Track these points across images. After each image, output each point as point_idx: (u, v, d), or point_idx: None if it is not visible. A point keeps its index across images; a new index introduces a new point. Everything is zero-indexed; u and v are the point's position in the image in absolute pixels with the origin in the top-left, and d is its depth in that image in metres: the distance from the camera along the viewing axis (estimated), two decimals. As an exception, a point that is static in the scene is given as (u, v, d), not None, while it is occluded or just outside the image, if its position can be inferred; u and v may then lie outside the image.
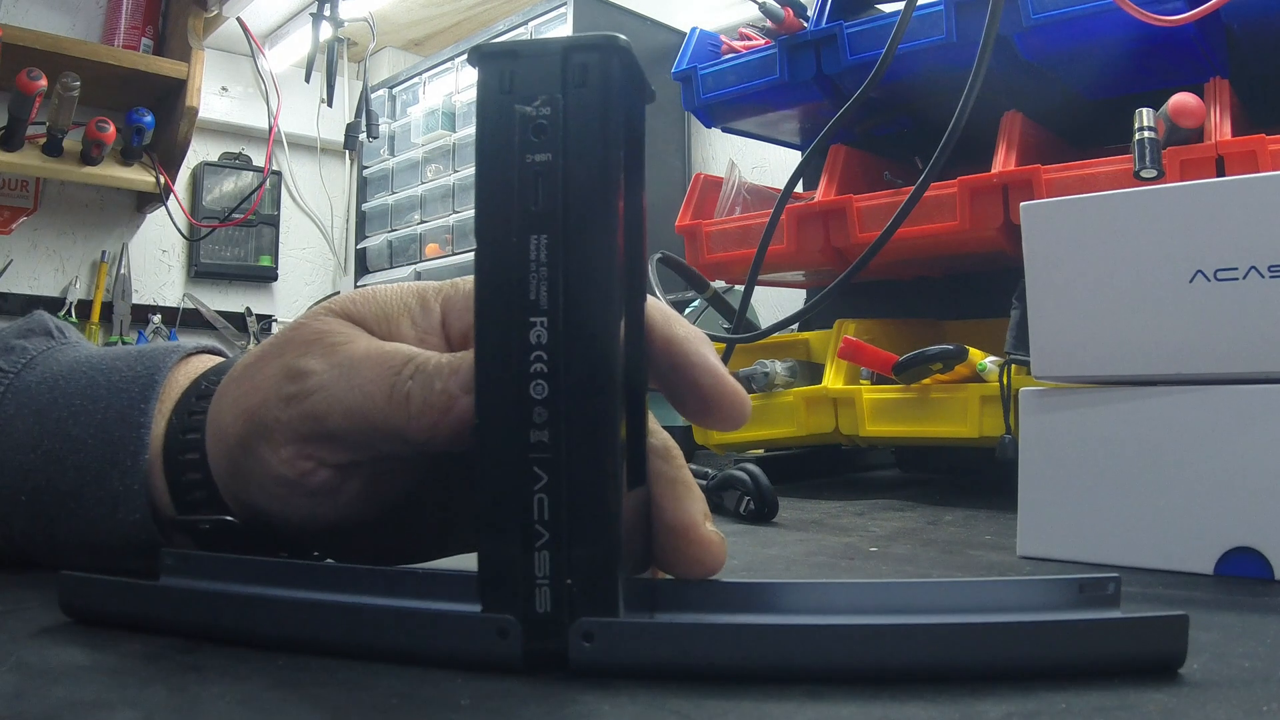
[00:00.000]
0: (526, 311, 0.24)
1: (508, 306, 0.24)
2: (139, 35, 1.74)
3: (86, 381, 0.35)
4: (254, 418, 0.30)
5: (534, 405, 0.24)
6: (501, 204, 0.24)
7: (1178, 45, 0.68)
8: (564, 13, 1.56)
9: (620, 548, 0.24)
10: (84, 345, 0.39)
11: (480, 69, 0.25)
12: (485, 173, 0.25)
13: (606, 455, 0.24)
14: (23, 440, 0.34)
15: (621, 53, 0.25)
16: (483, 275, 0.25)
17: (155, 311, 1.92)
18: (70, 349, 0.38)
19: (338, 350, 0.29)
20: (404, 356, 0.28)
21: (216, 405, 0.32)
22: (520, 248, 0.24)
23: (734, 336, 0.73)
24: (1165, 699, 0.22)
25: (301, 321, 0.31)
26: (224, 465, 0.31)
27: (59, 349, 0.37)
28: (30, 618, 0.29)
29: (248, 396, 0.30)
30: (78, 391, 0.34)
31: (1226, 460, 0.38)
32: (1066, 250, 0.43)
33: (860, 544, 0.50)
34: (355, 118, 1.87)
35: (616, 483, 0.24)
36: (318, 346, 0.29)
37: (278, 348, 0.30)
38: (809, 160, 0.72)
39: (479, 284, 0.25)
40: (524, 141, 0.24)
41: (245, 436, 0.30)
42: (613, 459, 0.24)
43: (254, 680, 0.24)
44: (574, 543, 0.24)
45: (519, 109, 0.24)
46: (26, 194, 1.78)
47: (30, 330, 0.38)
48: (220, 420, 0.31)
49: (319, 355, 0.29)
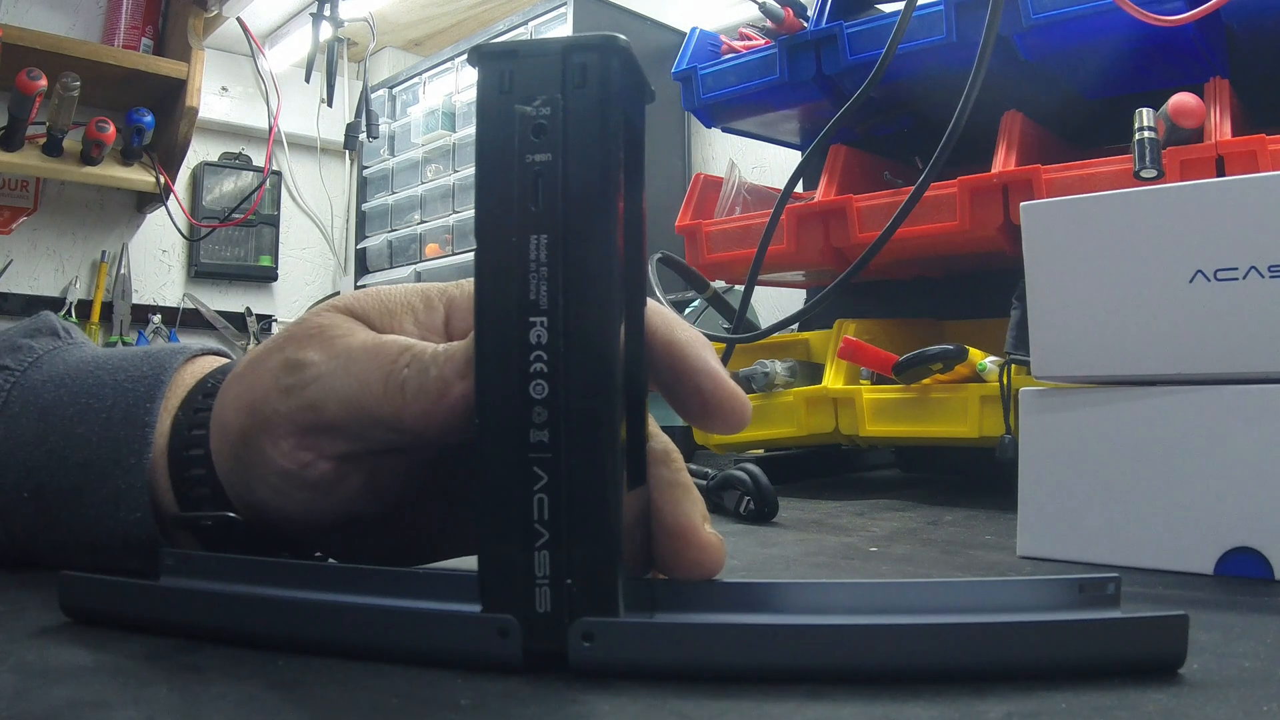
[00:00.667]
0: (526, 311, 0.24)
1: (507, 306, 0.24)
2: (139, 35, 1.74)
3: (93, 381, 0.35)
4: (254, 410, 0.30)
5: (534, 405, 0.24)
6: (501, 204, 0.24)
7: (1178, 45, 0.68)
8: (564, 13, 1.56)
9: (620, 547, 0.24)
10: (90, 346, 0.39)
11: (480, 69, 0.25)
12: (485, 173, 0.25)
13: (606, 455, 0.24)
14: (27, 437, 0.34)
15: (621, 53, 0.25)
16: (483, 275, 0.25)
17: (155, 311, 1.92)
18: (76, 349, 0.38)
19: (336, 343, 0.29)
20: (400, 346, 0.28)
21: (220, 401, 0.32)
22: (520, 247, 0.24)
23: (734, 336, 0.73)
24: (1165, 699, 0.22)
25: (303, 317, 0.31)
26: (227, 460, 0.31)
27: (65, 349, 0.38)
28: (30, 618, 0.29)
29: (249, 390, 0.30)
30: (84, 390, 0.35)
31: (1226, 460, 0.38)
32: (1066, 250, 0.43)
33: (860, 544, 0.50)
34: (355, 118, 1.87)
35: (616, 482, 0.24)
36: (317, 340, 0.30)
37: (279, 343, 0.31)
38: (809, 160, 0.72)
39: (479, 283, 0.25)
40: (524, 142, 0.24)
41: (246, 429, 0.30)
42: (613, 459, 0.24)
43: (254, 681, 0.24)
44: (574, 543, 0.24)
45: (519, 109, 0.24)
46: (26, 194, 1.78)
47: (37, 330, 0.38)
48: (223, 415, 0.31)
49: (318, 347, 0.29)
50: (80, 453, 0.33)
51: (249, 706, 0.22)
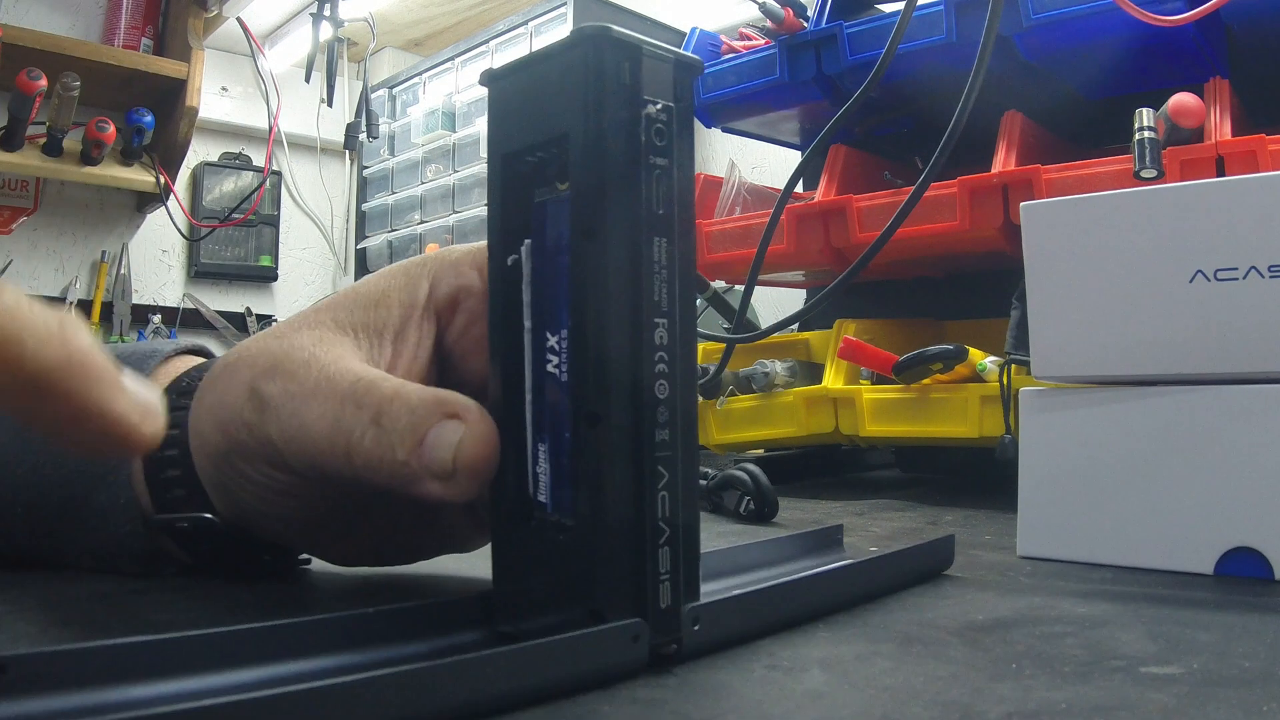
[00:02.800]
0: (652, 313, 0.24)
1: (634, 307, 0.24)
2: (139, 35, 1.74)
3: None
4: (226, 432, 0.30)
5: (658, 405, 0.25)
6: (633, 203, 0.24)
7: (1178, 45, 0.68)
8: (564, 12, 1.56)
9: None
10: None
11: (608, 55, 0.24)
12: (612, 166, 0.24)
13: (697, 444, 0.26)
14: (8, 455, 0.34)
15: (701, 75, 0.26)
16: (604, 273, 0.24)
17: (155, 311, 1.92)
18: None
19: (294, 377, 0.28)
20: (352, 395, 0.27)
21: (197, 409, 0.32)
22: (646, 249, 0.24)
23: (734, 336, 0.73)
24: (1165, 699, 0.22)
25: (282, 329, 0.31)
26: (209, 469, 0.31)
27: None
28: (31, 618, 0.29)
29: (222, 409, 0.30)
30: None
31: (1226, 460, 0.38)
32: (1066, 250, 0.43)
33: (860, 544, 0.50)
34: (355, 118, 1.87)
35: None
36: (279, 370, 0.29)
37: (249, 359, 0.30)
38: (809, 160, 0.72)
39: (595, 280, 0.24)
40: (649, 143, 0.24)
41: (221, 448, 0.30)
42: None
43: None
44: (685, 534, 0.25)
45: (648, 109, 0.24)
46: (26, 194, 1.78)
47: None
48: (201, 428, 0.31)
49: (279, 379, 0.29)
50: (60, 469, 0.33)
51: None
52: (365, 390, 0.27)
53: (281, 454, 0.28)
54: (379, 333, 0.31)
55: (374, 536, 0.34)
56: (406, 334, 0.31)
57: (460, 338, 0.32)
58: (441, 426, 0.26)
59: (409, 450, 0.26)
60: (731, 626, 0.27)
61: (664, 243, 0.25)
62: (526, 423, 0.26)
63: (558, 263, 0.25)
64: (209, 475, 0.31)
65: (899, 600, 0.34)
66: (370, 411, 0.26)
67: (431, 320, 0.31)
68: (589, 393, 0.24)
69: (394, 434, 0.26)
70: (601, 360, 0.24)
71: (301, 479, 0.29)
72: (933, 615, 0.31)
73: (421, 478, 0.26)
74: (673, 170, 0.25)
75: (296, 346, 0.29)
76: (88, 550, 0.34)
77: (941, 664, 0.25)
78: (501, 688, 0.21)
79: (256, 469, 0.29)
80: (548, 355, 0.25)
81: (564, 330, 0.25)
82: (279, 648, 0.23)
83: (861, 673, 0.25)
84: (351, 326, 0.30)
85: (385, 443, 0.26)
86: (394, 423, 0.26)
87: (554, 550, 0.25)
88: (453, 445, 0.25)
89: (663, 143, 0.24)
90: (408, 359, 0.31)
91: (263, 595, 0.34)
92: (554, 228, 0.26)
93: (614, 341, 0.24)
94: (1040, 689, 0.23)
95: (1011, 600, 0.34)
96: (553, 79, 0.25)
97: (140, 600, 0.32)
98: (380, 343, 0.30)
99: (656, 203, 0.24)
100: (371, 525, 0.33)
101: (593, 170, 0.24)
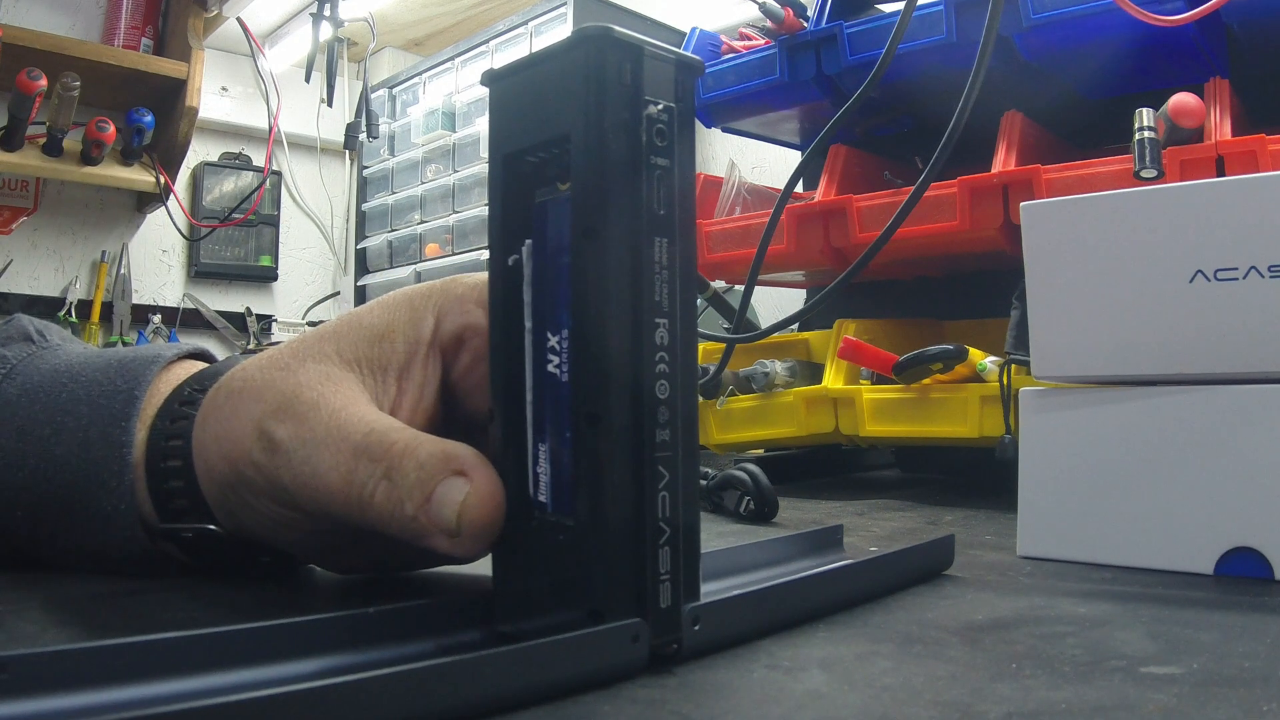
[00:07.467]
0: (653, 312, 0.24)
1: (635, 307, 0.24)
2: (139, 35, 1.74)
3: (67, 395, 0.34)
4: (234, 468, 0.30)
5: (659, 405, 0.24)
6: (633, 202, 0.24)
7: (1178, 45, 0.68)
8: (564, 12, 1.56)
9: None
10: (66, 347, 0.38)
11: (608, 55, 0.24)
12: (612, 167, 0.24)
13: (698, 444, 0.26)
14: (9, 459, 0.34)
15: (701, 75, 0.26)
16: (604, 273, 0.24)
17: (155, 311, 1.92)
18: (51, 354, 0.37)
19: (305, 421, 0.28)
20: (365, 449, 0.27)
21: (200, 432, 0.31)
22: (647, 249, 0.24)
23: (734, 336, 0.73)
24: (1165, 699, 0.22)
25: (279, 361, 0.30)
26: (214, 493, 0.31)
27: (39, 355, 0.37)
28: (32, 618, 0.29)
29: (228, 442, 0.30)
30: (59, 407, 0.34)
31: (1226, 460, 0.38)
32: (1066, 250, 0.43)
33: (860, 544, 0.50)
34: (355, 118, 1.87)
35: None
36: (289, 412, 0.29)
37: (254, 392, 0.30)
38: (809, 160, 0.72)
39: (595, 281, 0.24)
40: (650, 144, 0.24)
41: (228, 480, 0.30)
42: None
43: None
44: (685, 534, 0.25)
45: (649, 109, 0.24)
46: (26, 194, 1.78)
47: (9, 337, 0.38)
48: (206, 454, 0.31)
49: (289, 422, 0.28)
50: (61, 475, 0.33)
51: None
52: (377, 443, 0.27)
53: (293, 497, 0.28)
54: (384, 369, 0.30)
55: (376, 551, 0.34)
56: (411, 372, 0.31)
57: (465, 375, 0.31)
58: (448, 484, 0.26)
59: (417, 506, 0.26)
60: (731, 626, 0.27)
61: (665, 243, 0.24)
62: (527, 423, 0.26)
63: (558, 263, 0.25)
64: (214, 497, 0.32)
65: (899, 600, 0.34)
66: (382, 466, 0.27)
67: (437, 358, 0.31)
68: (589, 393, 0.24)
69: (403, 489, 0.26)
70: (602, 360, 0.24)
71: (309, 516, 0.29)
72: (933, 615, 0.31)
73: (431, 533, 0.26)
74: (674, 170, 0.25)
75: (304, 385, 0.29)
76: (89, 553, 0.34)
77: (941, 664, 0.25)
78: (501, 688, 0.21)
79: (263, 504, 0.30)
80: (548, 355, 0.25)
81: (565, 330, 0.25)
82: (279, 648, 0.23)
83: (861, 673, 0.25)
84: (356, 361, 0.30)
85: (395, 497, 0.26)
86: (404, 478, 0.26)
87: (554, 550, 0.25)
88: (457, 504, 0.26)
89: (664, 143, 0.24)
90: (413, 398, 0.31)
91: (263, 595, 0.34)
92: (555, 228, 0.26)
93: (614, 341, 0.24)
94: (1040, 689, 0.23)
95: (1011, 600, 0.34)
96: (554, 79, 0.25)
97: (140, 600, 0.32)
98: (385, 380, 0.30)
99: (657, 203, 0.24)
100: (373, 544, 0.33)
101: (594, 170, 0.24)
